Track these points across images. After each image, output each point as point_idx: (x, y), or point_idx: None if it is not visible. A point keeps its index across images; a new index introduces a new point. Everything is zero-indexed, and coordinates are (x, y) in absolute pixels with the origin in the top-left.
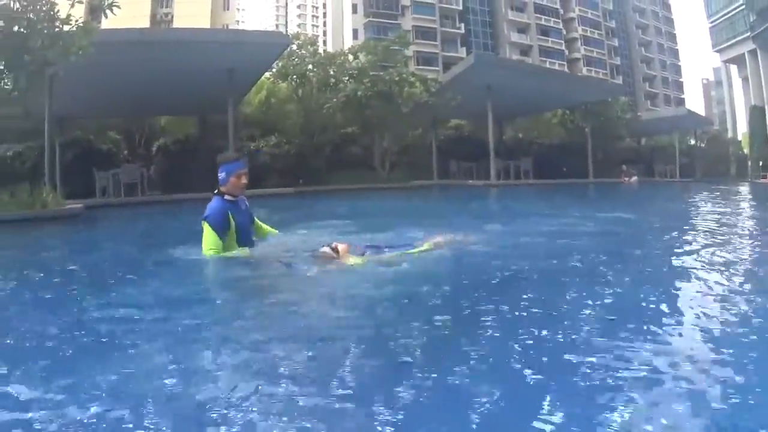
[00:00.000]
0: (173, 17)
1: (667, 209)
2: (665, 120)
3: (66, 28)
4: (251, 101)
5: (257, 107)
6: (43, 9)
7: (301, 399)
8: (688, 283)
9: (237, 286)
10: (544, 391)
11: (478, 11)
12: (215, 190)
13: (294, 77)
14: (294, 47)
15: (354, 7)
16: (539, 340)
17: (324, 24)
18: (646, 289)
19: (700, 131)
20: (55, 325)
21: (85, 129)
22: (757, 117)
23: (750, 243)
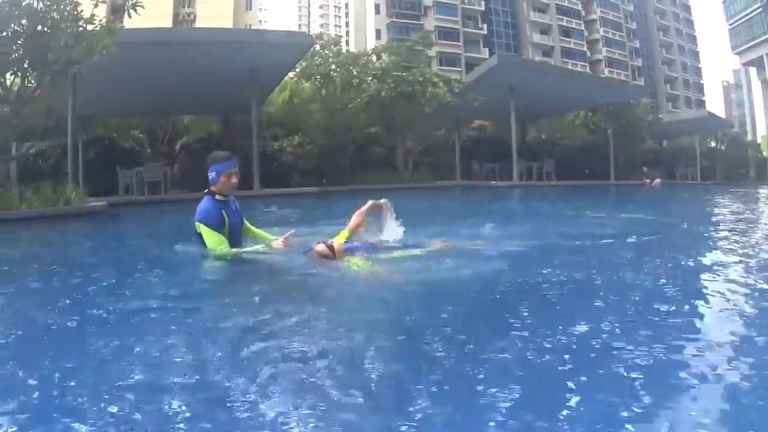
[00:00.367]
0: (195, 17)
1: (715, 214)
2: (686, 122)
3: (90, 27)
4: (274, 101)
5: (280, 107)
6: (67, 9)
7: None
8: None
9: (276, 281)
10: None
11: (500, 12)
12: (242, 188)
13: (317, 77)
14: (317, 47)
15: (376, 8)
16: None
17: (346, 24)
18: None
19: (720, 134)
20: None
21: (108, 127)
22: None
23: None
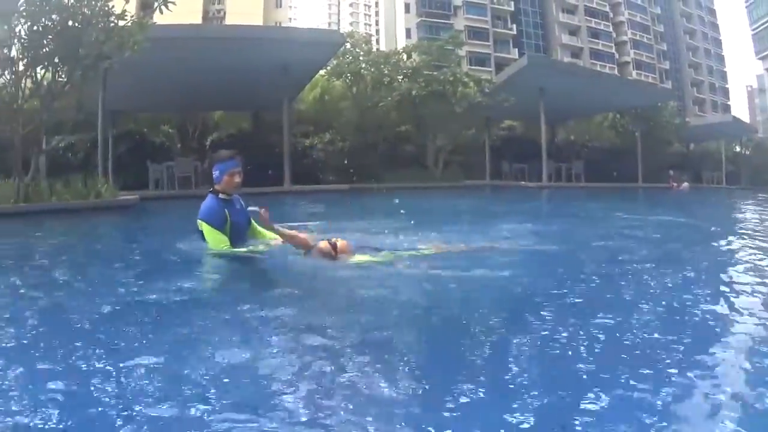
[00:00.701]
0: (225, 14)
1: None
2: (712, 126)
3: (121, 23)
4: (305, 98)
5: (311, 104)
6: (98, 4)
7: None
8: None
9: (296, 279)
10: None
11: (529, 12)
12: (273, 184)
13: (348, 75)
14: (348, 45)
15: (407, 7)
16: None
17: (376, 23)
18: None
19: (744, 139)
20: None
21: (139, 122)
22: None
23: None
